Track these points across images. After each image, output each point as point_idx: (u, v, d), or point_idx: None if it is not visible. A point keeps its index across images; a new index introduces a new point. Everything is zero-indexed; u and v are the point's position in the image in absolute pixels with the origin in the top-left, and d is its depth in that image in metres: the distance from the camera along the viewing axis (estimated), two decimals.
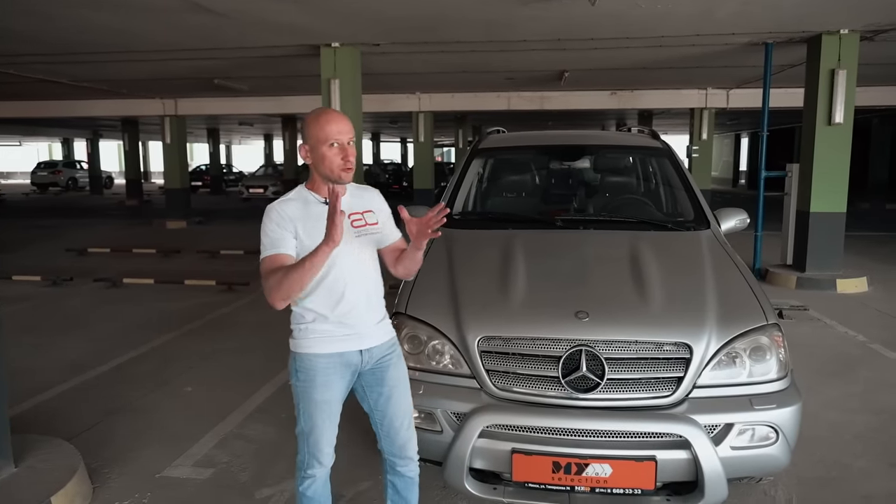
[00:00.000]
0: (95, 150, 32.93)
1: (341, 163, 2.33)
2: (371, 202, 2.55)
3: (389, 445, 2.57)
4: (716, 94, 15.53)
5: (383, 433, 2.56)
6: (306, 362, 2.40)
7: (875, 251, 11.28)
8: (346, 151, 2.33)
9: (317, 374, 2.40)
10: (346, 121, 2.37)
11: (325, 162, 2.33)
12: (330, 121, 2.33)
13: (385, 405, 2.52)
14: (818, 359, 5.55)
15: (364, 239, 2.46)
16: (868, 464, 3.71)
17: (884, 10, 7.40)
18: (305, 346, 2.41)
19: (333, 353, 2.40)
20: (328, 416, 2.43)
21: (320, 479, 2.52)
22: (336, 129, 2.32)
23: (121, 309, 7.54)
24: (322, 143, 2.32)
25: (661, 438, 2.65)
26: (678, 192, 4.38)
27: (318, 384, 2.40)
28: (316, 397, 2.40)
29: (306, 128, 2.37)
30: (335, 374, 2.41)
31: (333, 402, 2.43)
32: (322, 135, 2.31)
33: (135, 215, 20.15)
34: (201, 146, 43.22)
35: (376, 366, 2.49)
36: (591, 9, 6.96)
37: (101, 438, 4.05)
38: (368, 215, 2.49)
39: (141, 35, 8.66)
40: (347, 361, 2.43)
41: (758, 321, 2.92)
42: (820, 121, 8.58)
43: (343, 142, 2.33)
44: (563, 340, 2.79)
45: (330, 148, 2.32)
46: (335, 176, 2.35)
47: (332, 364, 2.40)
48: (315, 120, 2.35)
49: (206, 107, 17.09)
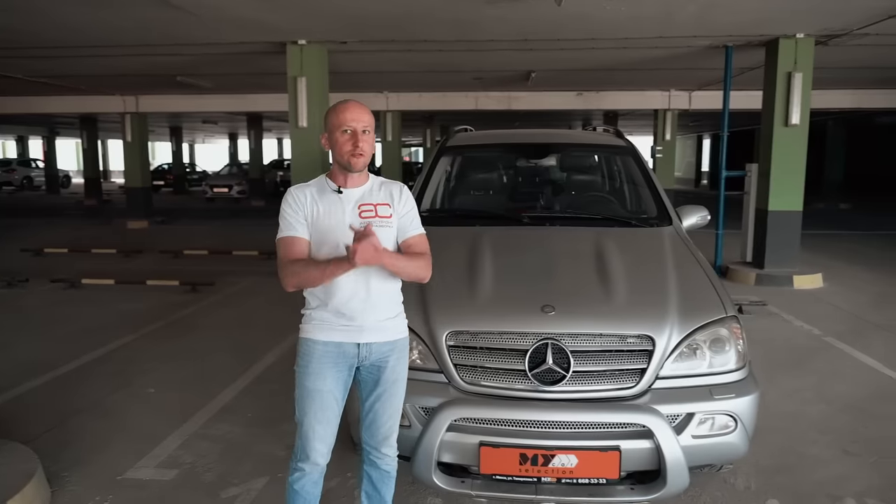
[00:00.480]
0: (52, 148, 32.20)
1: (351, 148, 2.37)
2: (392, 197, 2.52)
3: (370, 437, 2.57)
4: (678, 95, 15.80)
5: (365, 425, 2.56)
6: (305, 347, 2.46)
7: (830, 249, 11.60)
8: (357, 138, 2.37)
9: (311, 359, 2.43)
10: (364, 111, 2.41)
11: (336, 147, 2.39)
12: (346, 109, 2.38)
13: (374, 402, 2.52)
14: (776, 352, 5.71)
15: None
16: (822, 451, 3.84)
17: (837, 16, 7.64)
18: (306, 330, 2.47)
19: (329, 342, 2.42)
20: (320, 409, 2.43)
21: (311, 476, 2.50)
22: (351, 116, 2.37)
23: (80, 310, 7.40)
24: (336, 129, 2.38)
25: (624, 429, 2.72)
26: (642, 190, 4.47)
27: (310, 371, 2.43)
28: (307, 385, 2.43)
29: (326, 118, 2.44)
30: (329, 363, 2.42)
31: (325, 392, 2.43)
32: (337, 121, 2.38)
33: (94, 215, 19.73)
34: (163, 145, 42.63)
35: (374, 363, 2.49)
36: (558, 10, 7.04)
37: (60, 441, 3.97)
38: (382, 208, 2.48)
39: (102, 30, 8.49)
40: (344, 353, 2.44)
41: (717, 314, 3.00)
42: (777, 122, 8.82)
43: (356, 129, 2.37)
44: (529, 334, 2.83)
45: (342, 134, 2.37)
46: (345, 161, 2.39)
47: (327, 352, 2.42)
48: (333, 109, 2.42)
49: (169, 104, 16.80)
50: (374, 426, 2.54)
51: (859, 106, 15.41)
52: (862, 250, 11.68)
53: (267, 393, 4.77)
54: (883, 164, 26.12)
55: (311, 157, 9.31)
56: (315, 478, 2.52)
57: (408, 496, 3.29)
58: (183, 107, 16.86)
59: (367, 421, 2.55)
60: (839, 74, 12.12)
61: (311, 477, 2.50)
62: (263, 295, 8.04)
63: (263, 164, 25.77)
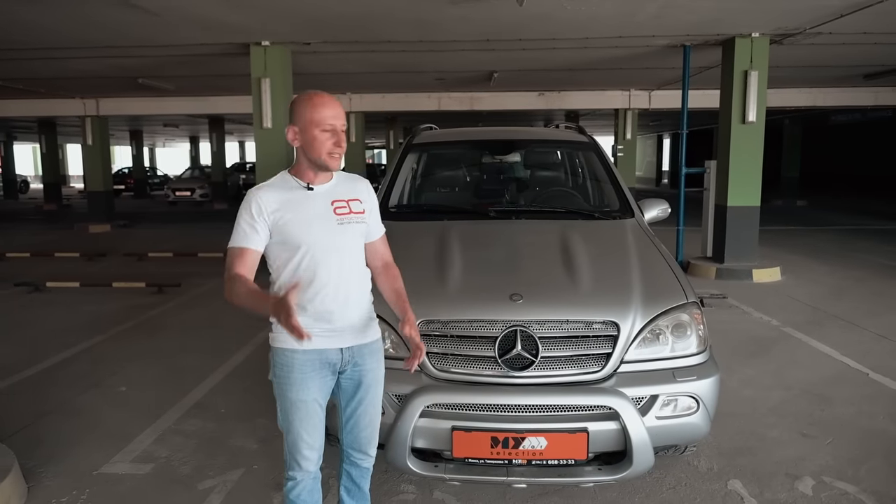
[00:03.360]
0: (9, 152, 31.39)
1: (332, 147, 2.27)
2: (358, 191, 2.46)
3: (351, 441, 2.53)
4: (639, 95, 16.09)
5: (346, 429, 2.51)
6: (282, 357, 2.33)
7: (787, 243, 11.94)
8: (339, 137, 2.29)
9: (293, 370, 2.31)
10: (340, 106, 2.31)
11: (314, 145, 2.26)
12: (325, 104, 2.26)
13: (356, 407, 2.47)
14: (736, 342, 5.90)
15: (348, 228, 2.37)
16: (781, 433, 4.00)
17: (790, 16, 7.89)
18: (282, 340, 2.31)
19: (311, 350, 2.30)
20: (306, 417, 2.34)
21: (304, 483, 2.43)
22: (332, 113, 2.26)
23: (46, 312, 7.31)
24: (315, 125, 2.25)
25: (592, 411, 2.81)
26: (604, 184, 4.59)
27: (293, 381, 2.32)
28: (291, 396, 2.33)
29: (297, 109, 2.29)
30: (312, 371, 2.33)
31: (310, 401, 2.34)
32: (317, 117, 2.25)
33: (54, 219, 19.36)
34: (123, 149, 41.80)
35: (355, 367, 2.42)
36: (519, 10, 7.15)
37: (34, 439, 3.95)
38: (354, 203, 2.40)
39: (60, 31, 8.38)
40: (326, 360, 2.35)
41: (679, 300, 3.12)
42: (735, 119, 9.07)
43: (337, 127, 2.27)
44: (498, 322, 2.91)
45: (322, 132, 2.25)
46: (322, 160, 2.28)
47: (309, 361, 2.32)
48: (308, 101, 2.27)
49: (130, 107, 16.58)
50: (357, 430, 2.50)
51: (814, 104, 15.84)
52: (818, 245, 12.03)
53: (238, 389, 4.79)
54: (838, 162, 26.88)
55: (276, 157, 9.29)
56: (309, 484, 2.44)
57: (382, 483, 3.36)
58: (144, 109, 16.65)
59: (349, 426, 2.50)
60: (795, 73, 12.50)
61: (304, 485, 2.43)
62: None
63: (225, 167, 25.50)
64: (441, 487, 3.32)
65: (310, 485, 2.45)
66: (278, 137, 9.22)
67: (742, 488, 3.34)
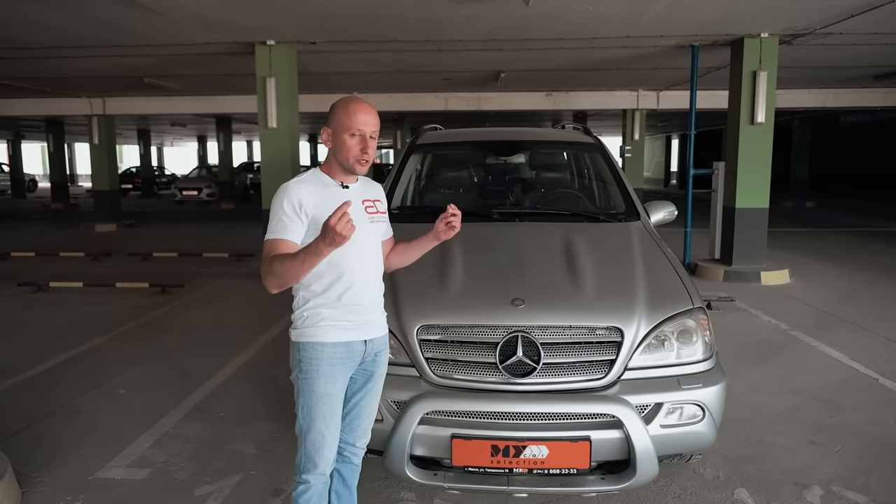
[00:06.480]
0: (17, 151, 31.53)
1: (359, 153, 2.31)
2: (377, 193, 2.56)
3: (349, 433, 2.52)
4: (647, 95, 15.98)
5: (345, 423, 2.49)
6: (311, 351, 2.33)
7: (796, 245, 11.82)
8: (367, 143, 2.32)
9: (322, 363, 2.33)
10: (374, 114, 2.36)
11: (342, 149, 2.32)
12: (358, 110, 2.31)
13: (360, 399, 2.49)
14: (744, 346, 5.81)
15: (375, 226, 2.47)
16: (788, 440, 3.92)
17: (800, 16, 7.79)
18: (310, 334, 2.34)
19: (339, 343, 2.34)
20: (330, 412, 2.35)
21: (316, 487, 2.41)
22: (362, 119, 2.30)
23: (48, 313, 7.29)
24: (345, 130, 2.30)
25: (594, 419, 2.74)
26: (610, 186, 4.53)
27: (321, 374, 2.32)
28: (318, 389, 2.33)
29: (333, 112, 2.35)
30: (340, 364, 2.35)
31: (335, 395, 2.36)
32: (347, 122, 2.30)
33: (61, 219, 19.40)
34: (131, 148, 42.00)
35: (370, 360, 2.46)
36: (526, 9, 7.09)
37: (31, 442, 3.92)
38: (379, 204, 2.52)
39: (66, 30, 8.36)
40: (353, 352, 2.38)
41: (684, 305, 3.05)
42: (743, 120, 8.98)
43: (366, 133, 2.31)
44: (500, 327, 2.85)
45: (351, 137, 2.30)
46: (349, 165, 2.33)
47: (338, 354, 2.34)
48: (343, 106, 2.33)
49: (137, 106, 16.57)
50: (357, 422, 2.51)
51: (824, 105, 15.69)
52: (828, 247, 11.91)
53: (240, 392, 4.75)
54: (847, 163, 26.67)
55: (282, 157, 9.25)
56: (320, 489, 2.42)
57: (381, 491, 3.30)
58: (150, 109, 16.63)
59: (350, 418, 2.49)
60: (804, 74, 12.37)
61: (315, 489, 2.40)
62: (234, 296, 7.98)
63: (233, 167, 25.52)
64: (441, 495, 3.26)
65: (321, 489, 2.43)
66: (283, 137, 9.18)
67: (749, 497, 3.27)
